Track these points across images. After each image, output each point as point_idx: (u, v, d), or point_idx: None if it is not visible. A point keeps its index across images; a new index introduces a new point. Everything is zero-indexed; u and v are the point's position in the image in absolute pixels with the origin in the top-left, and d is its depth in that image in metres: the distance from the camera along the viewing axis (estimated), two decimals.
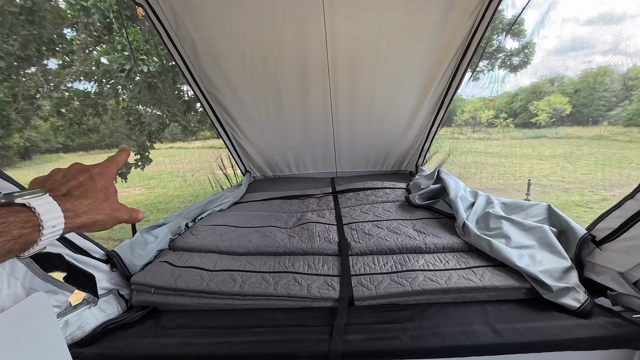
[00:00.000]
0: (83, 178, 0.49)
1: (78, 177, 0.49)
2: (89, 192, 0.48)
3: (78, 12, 4.83)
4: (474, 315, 0.91)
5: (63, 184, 0.47)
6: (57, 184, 0.47)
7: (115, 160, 0.57)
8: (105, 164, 0.56)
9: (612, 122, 9.25)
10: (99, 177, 0.51)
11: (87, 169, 0.51)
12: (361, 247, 1.25)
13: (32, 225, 0.39)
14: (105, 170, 0.53)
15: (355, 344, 0.82)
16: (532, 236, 1.14)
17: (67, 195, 0.46)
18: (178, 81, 5.79)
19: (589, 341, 0.80)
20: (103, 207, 0.49)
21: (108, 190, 0.52)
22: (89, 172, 0.50)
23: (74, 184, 0.48)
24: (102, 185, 0.51)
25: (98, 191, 0.49)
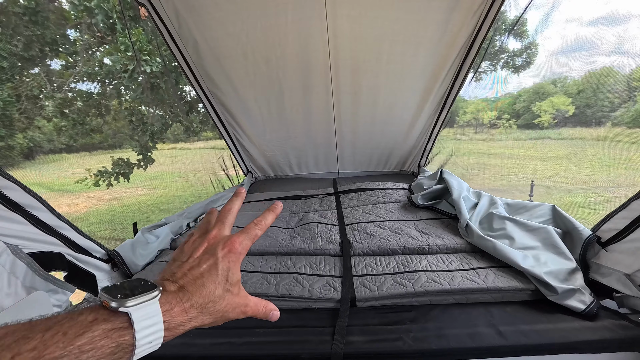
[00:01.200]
0: (206, 265, 0.41)
1: (202, 263, 0.41)
2: (204, 287, 0.39)
3: (81, 13, 4.86)
4: (478, 316, 0.89)
5: (184, 273, 0.40)
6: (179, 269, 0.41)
7: (253, 233, 0.47)
8: (240, 237, 0.45)
9: (616, 123, 9.19)
10: (224, 261, 0.42)
11: (214, 249, 0.43)
12: (363, 248, 1.24)
13: (123, 348, 0.32)
14: (235, 248, 0.43)
15: (357, 345, 0.81)
16: (536, 237, 1.13)
17: (181, 290, 0.38)
18: (180, 81, 5.81)
19: (595, 344, 0.78)
20: (216, 308, 0.40)
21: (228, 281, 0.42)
22: (215, 255, 0.42)
23: (193, 275, 0.40)
24: (222, 275, 0.41)
25: (215, 284, 0.40)
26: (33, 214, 0.82)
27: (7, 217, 0.76)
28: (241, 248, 0.44)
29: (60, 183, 10.74)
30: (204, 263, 0.41)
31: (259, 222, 0.49)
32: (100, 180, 5.59)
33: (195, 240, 0.45)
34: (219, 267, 0.41)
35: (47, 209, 0.86)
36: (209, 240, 0.44)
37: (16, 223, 0.78)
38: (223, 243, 0.43)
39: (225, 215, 0.49)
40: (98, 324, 0.31)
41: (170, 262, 0.44)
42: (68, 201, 8.43)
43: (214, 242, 0.44)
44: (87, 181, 5.67)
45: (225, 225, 0.48)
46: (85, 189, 6.33)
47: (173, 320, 0.36)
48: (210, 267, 0.41)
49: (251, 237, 0.47)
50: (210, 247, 0.43)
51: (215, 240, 0.44)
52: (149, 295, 0.34)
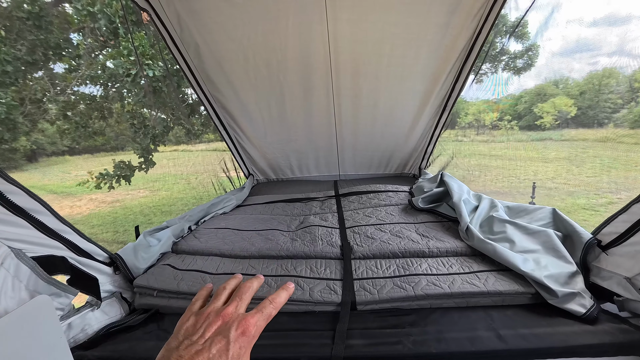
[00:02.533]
0: (216, 349, 0.38)
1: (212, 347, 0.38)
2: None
3: (85, 18, 4.90)
4: (478, 320, 0.90)
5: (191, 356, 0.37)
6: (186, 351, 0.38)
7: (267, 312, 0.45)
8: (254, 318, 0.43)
9: (618, 124, 9.16)
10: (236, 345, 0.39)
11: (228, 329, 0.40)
12: (364, 251, 1.24)
13: None
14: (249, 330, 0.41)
15: (357, 348, 0.81)
16: (536, 240, 1.13)
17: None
18: (182, 85, 5.85)
19: (595, 347, 0.78)
20: None
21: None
22: (227, 338, 0.39)
23: None
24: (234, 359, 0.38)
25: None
26: (37, 218, 0.83)
27: (11, 222, 0.77)
28: (255, 331, 0.42)
29: (63, 185, 10.79)
30: (214, 346, 0.38)
31: (273, 300, 0.47)
32: (101, 183, 5.62)
33: (209, 315, 0.43)
34: (229, 354, 0.38)
35: (50, 213, 0.87)
36: (223, 317, 0.42)
37: (20, 227, 0.79)
38: (238, 323, 0.41)
39: (245, 291, 0.47)
40: None
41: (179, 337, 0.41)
42: (70, 203, 8.48)
43: (229, 319, 0.42)
44: (89, 184, 5.70)
45: (243, 301, 0.46)
46: (87, 191, 6.36)
47: None
48: (220, 352, 0.38)
49: (266, 318, 0.45)
50: (224, 327, 0.41)
51: (231, 318, 0.42)
52: None
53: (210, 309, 0.45)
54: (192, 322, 0.43)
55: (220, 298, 0.47)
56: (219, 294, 0.48)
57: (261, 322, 0.44)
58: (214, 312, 0.43)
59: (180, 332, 0.42)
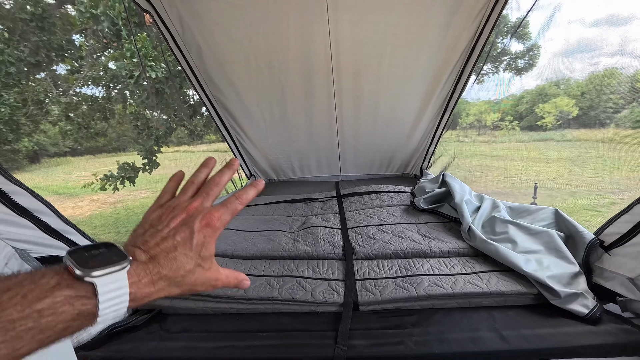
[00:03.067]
0: (180, 238, 0.40)
1: (176, 235, 0.39)
2: (175, 260, 0.38)
3: (88, 19, 4.93)
4: (481, 321, 0.90)
5: (156, 243, 0.39)
6: (152, 238, 0.39)
7: (233, 207, 0.45)
8: (219, 212, 0.43)
9: (620, 124, 9.13)
10: (199, 235, 0.41)
11: (192, 221, 0.41)
12: (366, 252, 1.24)
13: (85, 315, 0.31)
14: (213, 223, 0.42)
15: (360, 349, 0.82)
16: (538, 241, 1.13)
17: (152, 260, 0.37)
18: (184, 86, 5.86)
19: (598, 348, 0.78)
20: (184, 281, 0.39)
21: (200, 255, 0.41)
22: (191, 228, 0.40)
23: (166, 247, 0.39)
24: (196, 249, 0.40)
25: (187, 259, 0.39)
26: (40, 219, 0.83)
27: (15, 222, 0.78)
28: (219, 223, 0.43)
29: (66, 186, 10.83)
30: (179, 235, 0.40)
31: (239, 196, 0.47)
32: (106, 185, 5.63)
33: (175, 207, 0.43)
34: (193, 241, 0.40)
35: (54, 214, 0.88)
36: (188, 211, 0.43)
37: (24, 228, 0.80)
38: (202, 215, 0.42)
39: (212, 187, 0.47)
40: (60, 290, 0.30)
41: (145, 226, 0.42)
42: (72, 204, 8.50)
43: (193, 213, 0.42)
44: (94, 185, 5.71)
45: (209, 197, 0.46)
46: (91, 192, 6.38)
47: (139, 291, 0.35)
48: (184, 240, 0.40)
49: (231, 212, 0.45)
50: (188, 219, 0.42)
51: (196, 212, 0.43)
52: (117, 267, 0.34)
53: (177, 202, 0.45)
54: (158, 214, 0.43)
55: (187, 192, 0.47)
56: (186, 189, 0.48)
57: (226, 216, 0.44)
58: (180, 206, 0.44)
59: (146, 222, 0.43)
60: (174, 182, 0.51)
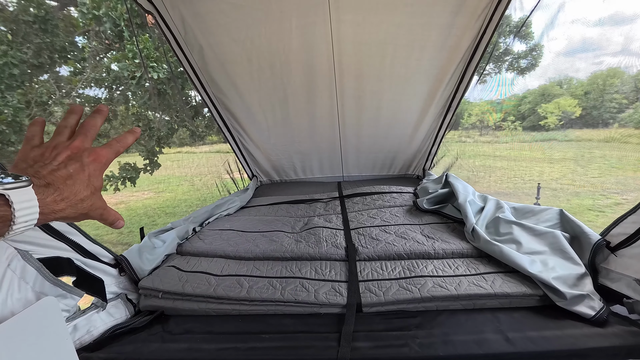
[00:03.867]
0: (73, 169, 0.44)
1: (68, 166, 0.44)
2: (73, 186, 0.44)
3: (90, 21, 4.95)
4: (485, 322, 0.89)
5: (50, 172, 0.42)
6: (43, 169, 0.43)
7: (115, 148, 0.51)
8: (104, 150, 0.49)
9: (623, 124, 9.08)
10: (90, 167, 0.46)
11: (80, 156, 0.46)
12: (369, 253, 1.24)
13: (3, 220, 0.36)
14: (100, 159, 0.48)
15: (363, 351, 0.81)
16: (543, 242, 1.12)
17: (49, 186, 0.42)
18: (186, 87, 5.87)
19: (605, 351, 0.77)
20: (82, 205, 0.45)
21: (93, 185, 0.46)
22: (80, 161, 0.45)
23: (61, 175, 0.43)
24: (89, 179, 0.46)
25: (84, 186, 0.45)
26: None
27: None
28: (105, 160, 0.48)
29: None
30: (70, 167, 0.44)
31: (120, 140, 0.52)
32: (107, 185, 5.65)
33: (55, 146, 0.46)
34: (85, 172, 0.45)
35: None
36: (71, 149, 0.46)
37: None
38: (89, 152, 0.46)
39: (89, 129, 0.50)
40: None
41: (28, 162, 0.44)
42: None
43: (77, 151, 0.46)
44: None
45: (88, 137, 0.49)
46: None
47: (47, 206, 0.40)
48: (77, 170, 0.44)
49: (115, 152, 0.50)
50: (74, 155, 0.45)
51: (79, 150, 0.46)
52: (23, 182, 0.38)
53: (55, 142, 0.47)
54: (38, 152, 0.45)
55: (63, 134, 0.49)
56: (60, 131, 0.50)
57: (110, 155, 0.49)
58: (61, 146, 0.46)
59: (25, 161, 0.44)
60: (37, 126, 0.52)
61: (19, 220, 0.37)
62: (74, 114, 0.54)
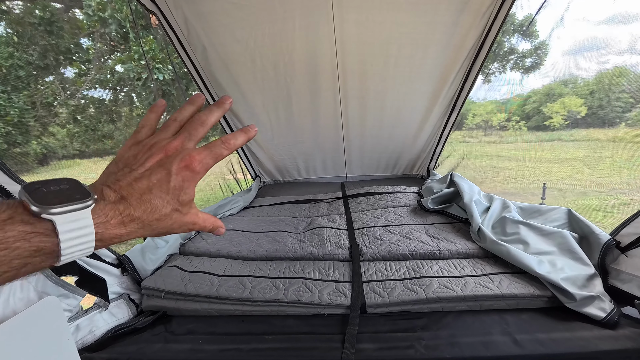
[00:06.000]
0: (156, 179, 0.36)
1: (152, 175, 0.36)
2: (150, 202, 0.35)
3: (95, 23, 4.99)
4: (493, 324, 0.87)
5: (130, 183, 0.35)
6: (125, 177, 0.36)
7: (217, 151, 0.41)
8: (202, 154, 0.39)
9: (630, 124, 8.98)
10: (178, 176, 0.37)
11: (170, 162, 0.37)
12: (373, 253, 1.22)
13: (45, 253, 0.29)
14: (193, 165, 0.38)
15: (368, 353, 0.79)
16: (551, 242, 1.10)
17: (121, 201, 0.34)
18: (191, 87, 5.90)
19: (617, 353, 0.75)
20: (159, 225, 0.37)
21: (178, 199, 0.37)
22: (168, 169, 0.37)
23: (140, 188, 0.35)
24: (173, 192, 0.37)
25: (164, 201, 0.36)
26: None
27: None
28: (200, 167, 0.39)
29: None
30: (154, 176, 0.36)
31: (227, 141, 0.42)
32: None
33: (153, 145, 0.39)
34: (170, 184, 0.36)
35: None
36: (167, 151, 0.38)
37: None
38: (182, 156, 0.38)
39: (196, 127, 0.42)
40: (13, 224, 0.28)
41: (118, 164, 0.38)
42: None
43: (172, 153, 0.38)
44: None
45: (192, 137, 0.41)
46: None
47: (108, 232, 0.33)
48: (160, 181, 0.36)
49: (214, 156, 0.41)
50: (166, 159, 0.38)
51: (175, 152, 0.38)
52: (79, 204, 0.30)
53: (155, 140, 0.40)
54: (134, 152, 0.39)
55: (169, 129, 0.42)
56: (168, 125, 0.43)
57: (208, 160, 0.40)
58: (158, 144, 0.39)
59: (120, 160, 0.39)
60: (154, 113, 0.45)
61: (66, 252, 0.30)
62: (191, 105, 0.46)
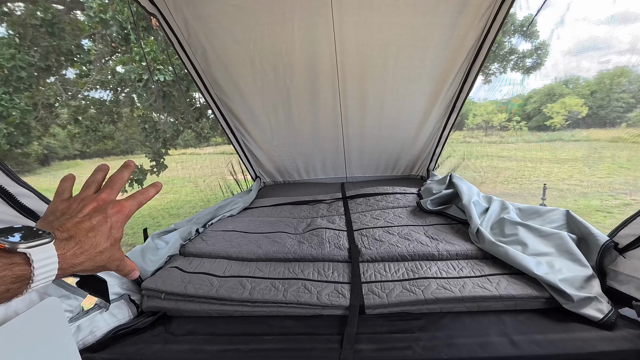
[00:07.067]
0: (96, 221, 0.46)
1: (92, 218, 0.46)
2: (94, 238, 0.45)
3: (96, 24, 5.01)
4: (490, 325, 0.87)
5: (74, 224, 0.44)
6: (68, 222, 0.44)
7: (139, 200, 0.53)
8: (128, 202, 0.51)
9: (631, 124, 8.97)
10: (113, 218, 0.48)
11: (104, 208, 0.48)
12: (372, 254, 1.23)
13: (22, 279, 0.37)
14: (123, 210, 0.50)
15: (366, 353, 0.80)
16: (550, 243, 1.10)
17: (71, 239, 0.43)
18: (191, 89, 5.92)
19: (614, 355, 0.75)
20: (101, 257, 0.46)
21: (114, 236, 0.48)
22: (104, 213, 0.47)
23: (84, 227, 0.45)
24: (111, 230, 0.47)
25: (104, 238, 0.46)
26: None
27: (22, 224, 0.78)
28: (129, 212, 0.50)
29: (76, 189, 10.97)
30: (94, 219, 0.46)
31: (143, 192, 0.55)
32: None
33: (83, 199, 0.49)
34: (107, 224, 0.47)
35: None
36: (98, 201, 0.49)
37: None
38: (113, 204, 0.49)
39: (115, 182, 0.54)
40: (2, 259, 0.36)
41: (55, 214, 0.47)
42: None
43: (103, 203, 0.49)
44: None
45: (114, 190, 0.53)
46: None
47: (65, 262, 0.41)
48: (100, 222, 0.46)
49: (137, 204, 0.53)
50: (100, 207, 0.48)
51: (105, 202, 0.49)
52: (45, 239, 0.39)
53: (83, 195, 0.51)
54: (66, 205, 0.48)
55: (90, 188, 0.53)
56: (89, 185, 0.53)
57: (134, 207, 0.52)
58: (88, 198, 0.49)
59: (54, 212, 0.47)
60: (68, 182, 0.55)
61: (38, 278, 0.38)
62: (101, 171, 0.57)
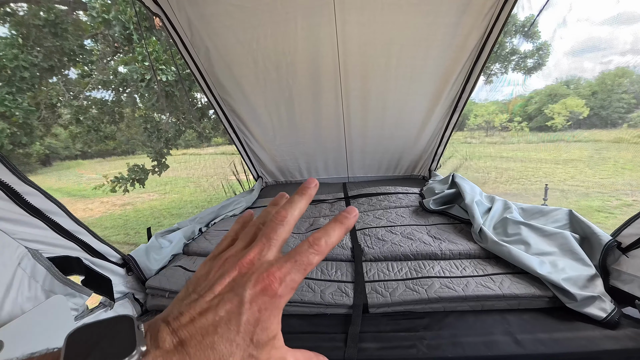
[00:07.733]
0: (225, 311, 0.25)
1: (220, 307, 0.25)
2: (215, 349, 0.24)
3: (99, 25, 5.02)
4: (494, 324, 0.87)
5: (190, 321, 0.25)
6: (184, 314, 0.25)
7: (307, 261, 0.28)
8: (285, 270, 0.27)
9: (633, 124, 8.95)
10: (253, 309, 0.26)
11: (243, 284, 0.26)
12: (375, 253, 1.23)
13: None
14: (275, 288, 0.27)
15: (370, 352, 0.80)
16: (553, 242, 1.10)
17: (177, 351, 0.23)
18: (193, 89, 5.93)
19: (618, 353, 0.76)
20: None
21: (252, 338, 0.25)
22: (240, 296, 0.26)
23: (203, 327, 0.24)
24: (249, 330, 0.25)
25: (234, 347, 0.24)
26: (52, 219, 0.84)
27: (28, 222, 0.79)
28: (283, 288, 0.27)
29: (77, 188, 11.02)
30: (223, 307, 0.26)
31: (315, 242, 0.29)
32: (117, 187, 5.71)
33: (226, 260, 0.30)
34: (242, 318, 0.25)
35: (66, 214, 0.88)
36: (240, 267, 0.28)
37: (37, 228, 0.81)
38: (258, 275, 0.27)
39: (275, 227, 0.31)
40: None
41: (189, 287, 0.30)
42: (83, 206, 8.65)
43: (247, 270, 0.28)
44: (105, 187, 5.80)
45: (272, 243, 0.30)
46: (101, 194, 6.48)
47: None
48: (230, 315, 0.25)
49: (302, 269, 0.28)
50: (239, 279, 0.28)
51: (250, 269, 0.28)
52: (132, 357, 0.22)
53: (231, 252, 0.32)
54: (206, 269, 0.31)
55: (247, 235, 0.33)
56: (247, 232, 0.34)
57: (295, 275, 0.28)
58: (233, 258, 0.30)
59: (192, 281, 0.30)
60: (238, 224, 0.38)
61: None
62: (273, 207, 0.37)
